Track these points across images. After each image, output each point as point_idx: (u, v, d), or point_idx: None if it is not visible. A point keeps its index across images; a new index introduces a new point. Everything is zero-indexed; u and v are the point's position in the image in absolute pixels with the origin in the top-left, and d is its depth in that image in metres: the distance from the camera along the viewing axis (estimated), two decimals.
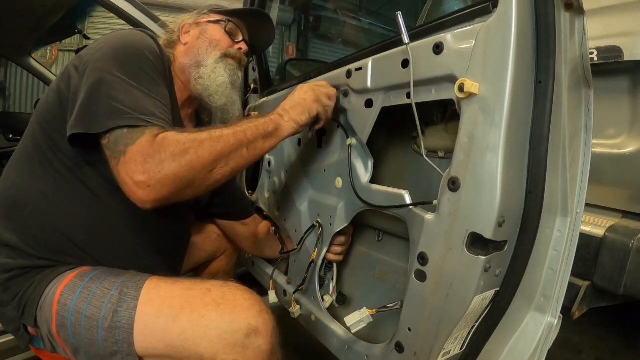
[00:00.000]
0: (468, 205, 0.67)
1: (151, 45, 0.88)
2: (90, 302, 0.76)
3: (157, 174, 0.69)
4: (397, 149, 1.11)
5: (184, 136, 0.74)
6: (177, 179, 0.70)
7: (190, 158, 0.71)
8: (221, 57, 1.05)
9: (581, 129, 0.69)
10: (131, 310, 0.74)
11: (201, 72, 1.02)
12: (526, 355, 0.74)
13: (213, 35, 1.06)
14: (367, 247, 1.25)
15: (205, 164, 0.73)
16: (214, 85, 1.03)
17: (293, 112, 0.90)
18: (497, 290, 0.72)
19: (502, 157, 0.63)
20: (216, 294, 0.76)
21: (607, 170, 1.16)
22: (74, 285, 0.78)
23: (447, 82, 0.71)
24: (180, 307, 0.74)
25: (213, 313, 0.73)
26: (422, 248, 0.76)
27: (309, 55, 6.98)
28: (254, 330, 0.73)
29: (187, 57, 1.04)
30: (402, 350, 0.82)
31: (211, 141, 0.75)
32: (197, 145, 0.73)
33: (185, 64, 1.04)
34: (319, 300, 1.10)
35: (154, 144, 0.71)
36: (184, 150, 0.71)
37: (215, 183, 0.77)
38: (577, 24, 0.64)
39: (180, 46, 1.07)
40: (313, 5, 6.65)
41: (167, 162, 0.70)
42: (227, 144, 0.77)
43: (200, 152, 0.73)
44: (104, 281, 0.79)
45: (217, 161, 0.75)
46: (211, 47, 1.05)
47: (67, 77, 0.83)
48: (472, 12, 0.70)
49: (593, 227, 1.07)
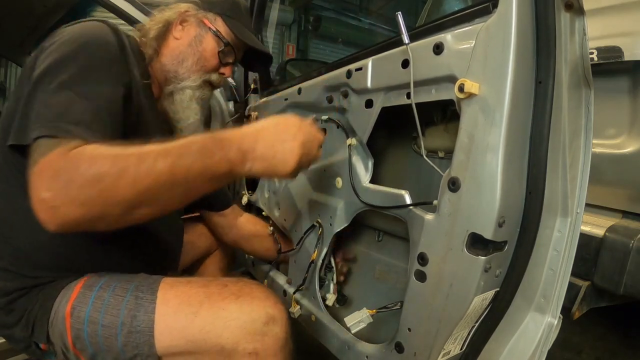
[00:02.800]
0: (468, 205, 0.67)
1: (105, 39, 0.77)
2: (106, 311, 0.75)
3: (62, 195, 0.56)
4: (397, 149, 1.11)
5: (105, 155, 0.60)
6: (84, 208, 0.57)
7: (104, 187, 0.57)
8: (201, 84, 0.97)
9: (581, 129, 0.69)
10: (150, 314, 0.74)
11: (175, 97, 0.95)
12: (526, 355, 0.74)
13: (205, 49, 0.96)
14: (367, 247, 1.25)
15: (122, 200, 0.59)
16: (184, 119, 0.96)
17: (260, 162, 0.70)
18: (497, 291, 0.72)
19: (502, 157, 0.63)
20: (233, 288, 0.78)
21: (607, 170, 1.16)
22: (84, 297, 0.77)
23: (447, 82, 0.71)
24: (199, 303, 0.75)
25: (233, 305, 0.75)
26: (422, 248, 0.76)
27: (309, 55, 6.98)
28: (271, 319, 0.76)
29: (169, 58, 0.95)
30: (402, 351, 0.82)
31: (138, 170, 0.59)
32: (117, 173, 0.58)
33: (165, 65, 0.95)
34: (319, 300, 1.10)
35: (66, 157, 0.59)
36: (99, 176, 0.57)
37: (139, 221, 0.63)
38: (577, 24, 0.64)
39: (171, 39, 0.95)
40: (313, 5, 6.66)
41: (75, 183, 0.57)
42: (159, 179, 0.60)
43: (119, 183, 0.58)
44: (115, 288, 0.77)
45: (140, 200, 0.60)
46: (197, 64, 0.95)
47: (21, 79, 0.76)
48: (472, 12, 0.70)
49: (593, 227, 1.07)
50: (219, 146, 0.67)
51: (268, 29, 2.35)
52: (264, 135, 0.71)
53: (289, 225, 1.25)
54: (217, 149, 0.67)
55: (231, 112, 1.80)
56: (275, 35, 6.03)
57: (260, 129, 0.72)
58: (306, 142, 0.74)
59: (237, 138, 0.69)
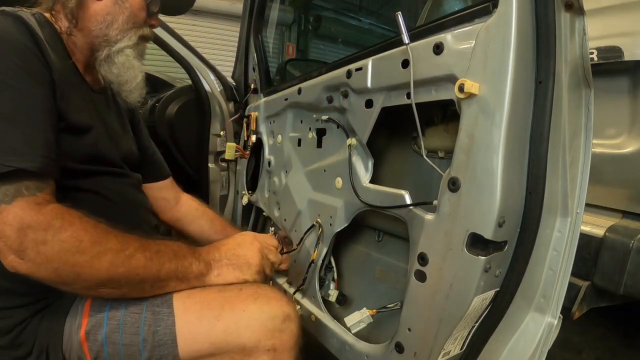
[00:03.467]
0: (468, 205, 0.67)
1: (13, 39, 0.69)
2: (124, 330, 0.74)
3: (33, 253, 0.60)
4: (397, 149, 1.11)
5: (87, 229, 0.64)
6: (55, 273, 0.62)
7: (81, 262, 0.63)
8: (137, 42, 0.91)
9: (581, 129, 0.69)
10: (171, 327, 0.74)
11: (114, 58, 0.88)
12: (526, 355, 0.74)
13: (133, 4, 0.88)
14: (367, 247, 1.25)
15: (93, 279, 0.64)
16: (131, 80, 0.91)
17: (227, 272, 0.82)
18: (497, 291, 0.72)
19: (502, 157, 0.63)
20: (250, 291, 0.80)
21: (607, 170, 1.16)
22: (97, 320, 0.75)
23: (447, 82, 0.71)
24: (220, 307, 0.76)
25: (253, 306, 0.77)
26: (422, 248, 0.76)
27: (309, 55, 6.97)
28: (287, 316, 0.78)
29: (94, 23, 0.85)
30: (402, 351, 0.82)
31: (116, 257, 0.66)
32: (96, 253, 0.64)
33: (92, 32, 0.86)
34: (319, 300, 1.10)
35: (39, 214, 0.61)
36: (78, 250, 0.62)
37: (97, 296, 0.70)
38: (577, 25, 0.64)
39: (90, 2, 0.85)
40: (313, 5, 6.66)
41: (50, 246, 0.60)
42: (133, 270, 0.68)
43: (95, 263, 0.64)
44: (127, 306, 0.76)
45: (110, 282, 0.67)
46: (128, 22, 0.88)
47: None
48: (472, 12, 0.70)
49: (593, 227, 1.07)
50: (191, 252, 0.79)
51: (268, 29, 2.36)
52: (226, 248, 0.85)
53: (289, 225, 1.25)
54: (190, 254, 0.78)
55: (231, 112, 1.80)
56: (275, 35, 6.03)
57: (222, 244, 0.85)
58: (262, 248, 0.88)
59: (204, 250, 0.82)
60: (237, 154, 1.59)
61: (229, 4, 6.35)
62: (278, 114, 1.36)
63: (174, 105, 1.76)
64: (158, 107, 1.74)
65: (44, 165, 0.66)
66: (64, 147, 0.74)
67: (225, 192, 1.82)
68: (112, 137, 0.92)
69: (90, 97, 0.90)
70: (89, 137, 0.82)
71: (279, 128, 1.36)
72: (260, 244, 0.88)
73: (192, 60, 1.79)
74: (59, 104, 0.75)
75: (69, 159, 0.76)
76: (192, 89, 1.81)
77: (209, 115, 1.75)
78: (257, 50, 1.62)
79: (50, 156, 0.68)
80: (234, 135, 1.79)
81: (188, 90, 1.82)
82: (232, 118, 1.76)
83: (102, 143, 0.86)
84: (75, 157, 0.78)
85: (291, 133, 1.29)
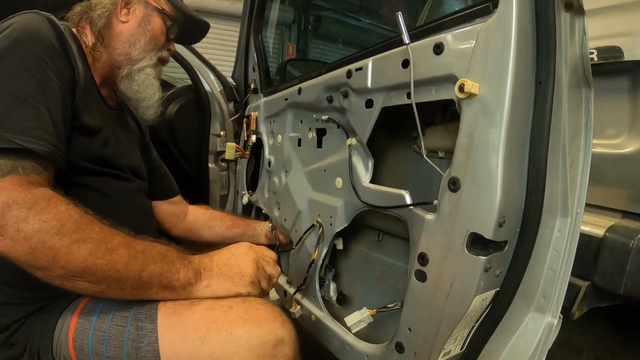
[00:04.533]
0: (468, 205, 0.67)
1: (41, 33, 0.73)
2: (109, 343, 0.73)
3: (12, 229, 0.58)
4: (397, 149, 1.11)
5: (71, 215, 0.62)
6: (31, 254, 0.59)
7: (58, 245, 0.60)
8: (156, 62, 0.98)
9: (581, 129, 0.69)
10: (153, 344, 0.72)
11: (134, 76, 0.94)
12: (526, 355, 0.74)
13: (155, 28, 0.96)
14: (367, 247, 1.25)
15: (69, 266, 0.61)
16: (149, 97, 0.97)
17: (218, 283, 0.77)
18: (497, 291, 0.72)
19: (502, 157, 0.63)
20: (239, 311, 0.75)
21: (607, 170, 1.16)
22: (84, 328, 0.74)
23: (447, 82, 0.71)
24: (206, 329, 0.72)
25: (241, 330, 0.72)
26: (422, 248, 0.76)
27: (309, 55, 6.97)
28: (280, 341, 0.74)
29: (119, 42, 0.92)
30: (402, 351, 0.82)
31: (96, 248, 0.63)
32: (76, 240, 0.61)
33: (115, 50, 0.92)
34: (319, 300, 1.10)
35: (26, 194, 0.60)
36: (58, 233, 0.60)
37: (73, 289, 0.65)
38: (577, 24, 0.64)
39: (116, 22, 0.92)
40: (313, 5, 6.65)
41: (31, 224, 0.58)
42: (111, 267, 0.64)
43: (74, 249, 0.61)
44: (113, 317, 0.74)
45: (86, 274, 0.63)
46: (149, 44, 0.95)
47: None
48: (472, 12, 0.70)
49: (593, 227, 1.06)
50: (180, 258, 0.75)
51: (268, 29, 2.36)
52: (219, 257, 0.81)
53: (289, 225, 1.25)
54: (178, 260, 0.74)
55: (231, 112, 1.80)
56: (275, 35, 6.03)
57: (215, 254, 0.81)
58: (258, 259, 0.84)
59: (196, 258, 0.78)
60: (237, 154, 1.60)
61: (229, 4, 6.35)
62: (278, 114, 1.36)
63: (174, 105, 1.76)
64: None
65: (51, 152, 0.67)
66: (73, 144, 0.77)
67: (225, 192, 1.82)
68: (120, 147, 0.95)
69: (104, 109, 0.94)
70: (98, 139, 0.85)
71: (279, 128, 1.36)
72: (256, 254, 0.84)
73: (192, 60, 1.79)
74: (76, 103, 0.78)
75: (76, 156, 0.78)
76: (192, 89, 1.81)
77: (209, 115, 1.76)
78: (257, 50, 1.62)
79: (58, 146, 0.69)
80: (234, 135, 1.79)
81: (188, 90, 1.82)
82: (232, 118, 1.76)
83: (109, 147, 0.88)
84: (82, 156, 0.80)
85: (291, 133, 1.29)
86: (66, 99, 0.74)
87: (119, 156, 0.91)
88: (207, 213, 1.27)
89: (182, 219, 1.23)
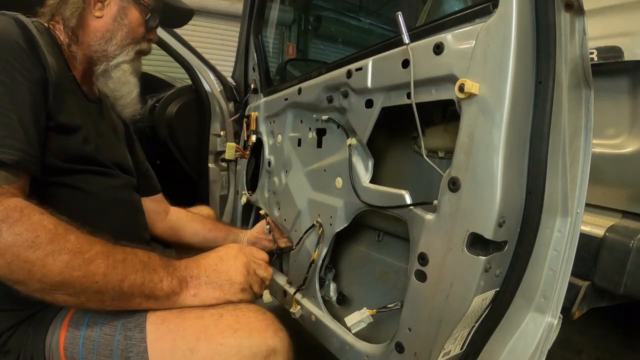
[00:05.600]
0: (468, 205, 0.67)
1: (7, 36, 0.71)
2: (98, 352, 0.71)
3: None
4: (397, 149, 1.11)
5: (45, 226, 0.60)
6: (6, 267, 0.57)
7: (33, 258, 0.58)
8: (134, 57, 0.94)
9: (581, 129, 0.69)
10: (143, 354, 0.70)
11: (111, 73, 0.91)
12: (526, 355, 0.74)
13: (132, 21, 0.91)
14: (367, 247, 1.25)
15: (47, 279, 0.59)
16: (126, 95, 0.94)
17: (206, 292, 0.74)
18: (497, 291, 0.72)
19: (502, 157, 0.63)
20: (230, 319, 0.73)
21: (607, 170, 1.16)
22: (73, 337, 0.72)
23: (447, 82, 0.71)
24: (195, 339, 0.70)
25: (231, 340, 0.70)
26: (422, 248, 0.76)
27: (309, 55, 6.97)
28: (272, 351, 0.72)
29: (94, 39, 0.88)
30: (402, 351, 0.82)
31: (72, 260, 0.60)
32: (50, 252, 0.59)
33: (91, 46, 0.89)
34: (319, 300, 1.10)
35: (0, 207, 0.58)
36: (32, 245, 0.58)
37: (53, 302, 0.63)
38: (577, 25, 0.64)
39: (90, 18, 0.88)
40: (313, 5, 6.65)
41: (4, 239, 0.57)
42: (88, 279, 0.61)
43: (48, 262, 0.58)
44: (102, 326, 0.72)
45: (65, 287, 0.61)
46: (126, 38, 0.91)
47: None
48: (472, 12, 0.70)
49: (593, 227, 1.06)
50: (164, 266, 0.71)
51: (268, 29, 2.36)
52: (206, 262, 0.77)
53: (289, 225, 1.25)
54: (162, 268, 0.70)
55: (231, 112, 1.80)
56: (275, 35, 6.03)
57: (202, 257, 0.77)
58: (249, 262, 0.80)
59: (182, 264, 0.74)
60: (237, 154, 1.60)
61: (228, 4, 6.35)
62: (278, 114, 1.37)
63: (174, 105, 1.76)
64: (158, 107, 1.75)
65: (21, 160, 0.65)
66: (50, 145, 0.74)
67: (225, 192, 1.82)
68: (103, 142, 0.92)
69: (84, 104, 0.90)
70: (77, 137, 0.81)
71: (279, 128, 1.36)
72: (246, 258, 0.81)
73: (192, 60, 1.79)
74: (50, 103, 0.75)
75: (54, 157, 0.75)
76: (192, 89, 1.81)
77: (209, 115, 1.76)
78: (257, 50, 1.62)
79: (29, 152, 0.67)
80: (234, 135, 1.79)
81: (188, 90, 1.82)
82: (232, 118, 1.76)
83: (90, 144, 0.85)
84: (61, 156, 0.77)
85: (291, 133, 1.29)
86: (37, 100, 0.71)
87: (102, 152, 0.88)
88: (188, 215, 1.25)
89: (163, 217, 1.20)
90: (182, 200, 1.30)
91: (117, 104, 0.96)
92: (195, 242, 1.22)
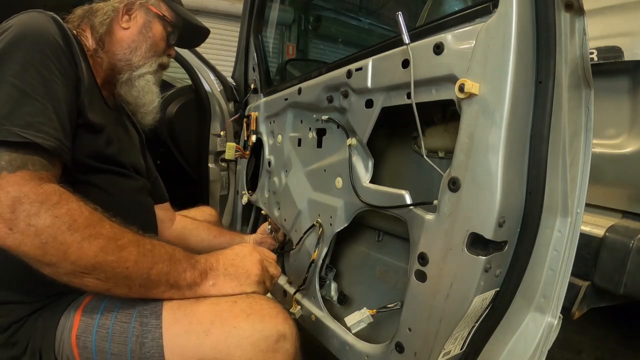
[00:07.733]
0: (468, 205, 0.67)
1: (47, 31, 0.74)
2: (113, 340, 0.73)
3: (23, 224, 0.58)
4: (397, 149, 1.11)
5: (83, 212, 0.63)
6: (40, 247, 0.59)
7: (70, 241, 0.60)
8: (157, 69, 1.00)
9: (581, 129, 0.69)
10: (158, 339, 0.73)
11: (134, 82, 0.96)
12: (526, 355, 0.74)
13: (155, 35, 0.98)
14: (367, 247, 1.25)
15: (79, 262, 0.61)
16: (148, 103, 0.99)
17: (224, 282, 0.78)
18: (497, 291, 0.72)
19: (502, 157, 0.63)
20: (243, 305, 0.76)
21: (607, 170, 1.16)
22: (87, 325, 0.74)
23: (447, 82, 0.71)
24: (210, 322, 0.73)
25: (244, 323, 0.73)
26: (422, 248, 0.76)
27: (309, 55, 6.97)
28: (282, 336, 0.75)
29: (120, 48, 0.94)
30: (402, 351, 0.82)
31: (107, 244, 0.64)
32: (87, 236, 0.62)
33: (116, 55, 0.94)
34: (319, 300, 1.10)
35: (37, 190, 0.60)
36: (70, 228, 0.60)
37: (80, 286, 0.65)
38: (577, 25, 0.64)
39: (117, 29, 0.94)
40: (313, 5, 6.65)
41: (42, 219, 0.59)
42: (120, 264, 0.65)
43: (85, 245, 0.61)
44: (118, 314, 0.75)
45: (97, 271, 0.63)
46: (150, 50, 0.97)
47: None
48: (473, 12, 0.70)
49: (593, 227, 1.06)
50: (187, 258, 0.76)
51: (268, 29, 2.36)
52: (224, 257, 0.82)
53: (289, 225, 1.25)
54: (185, 260, 0.75)
55: (231, 112, 1.80)
56: (275, 35, 6.03)
57: (220, 254, 0.82)
58: (262, 259, 0.85)
59: (202, 258, 0.79)
60: (237, 154, 1.60)
61: (228, 4, 6.34)
62: (278, 114, 1.37)
63: (174, 105, 1.76)
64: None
65: (57, 147, 0.67)
66: (78, 142, 0.77)
67: (225, 192, 1.82)
68: (122, 145, 0.95)
69: (105, 109, 0.94)
70: (101, 137, 0.85)
71: (279, 128, 1.36)
72: (260, 255, 0.86)
73: (192, 60, 1.79)
74: (80, 101, 0.79)
75: (80, 153, 0.78)
76: (192, 89, 1.81)
77: (209, 115, 1.76)
78: (257, 50, 1.62)
79: (64, 142, 0.69)
80: (234, 135, 1.79)
81: (188, 90, 1.82)
82: (232, 118, 1.77)
83: (112, 145, 0.89)
84: (86, 153, 0.80)
85: (291, 133, 1.29)
86: (71, 97, 0.75)
87: (122, 154, 0.92)
88: (193, 222, 1.28)
89: (169, 226, 1.24)
90: (182, 200, 1.30)
91: (139, 111, 1.01)
92: (201, 249, 1.24)
